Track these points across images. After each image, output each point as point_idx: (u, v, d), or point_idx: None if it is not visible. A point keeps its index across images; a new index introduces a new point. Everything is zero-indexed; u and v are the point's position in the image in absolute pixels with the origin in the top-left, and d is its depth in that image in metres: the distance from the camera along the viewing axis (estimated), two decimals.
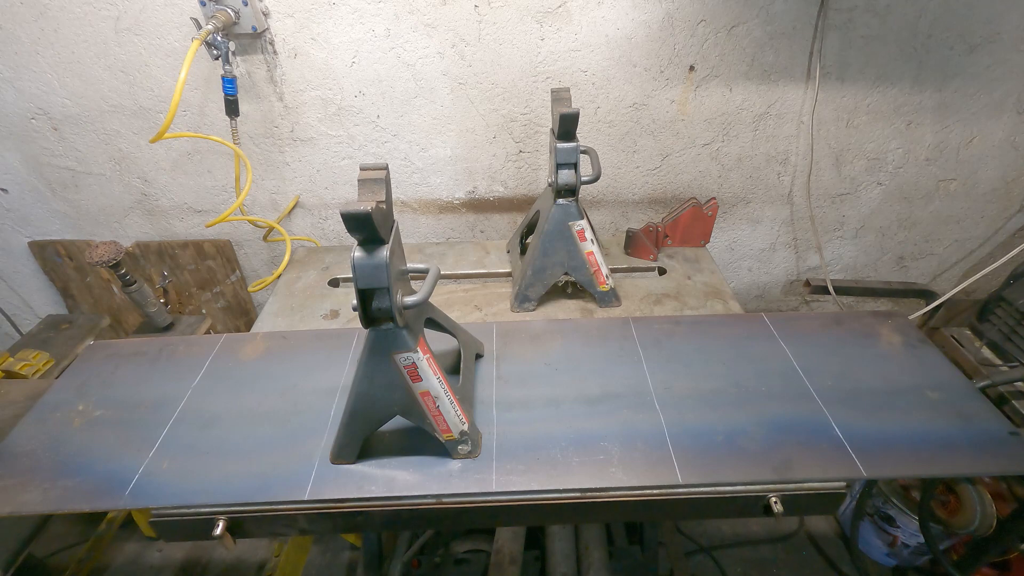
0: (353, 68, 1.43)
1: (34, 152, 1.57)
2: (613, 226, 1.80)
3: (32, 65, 1.41)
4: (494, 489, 0.85)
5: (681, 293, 1.38)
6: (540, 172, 1.65)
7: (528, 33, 1.39)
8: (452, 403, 0.85)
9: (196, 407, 1.00)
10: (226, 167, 1.61)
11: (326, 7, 1.34)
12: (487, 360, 1.09)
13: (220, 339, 1.16)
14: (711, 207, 1.50)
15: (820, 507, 0.90)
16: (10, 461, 0.91)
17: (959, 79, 1.50)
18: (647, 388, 1.02)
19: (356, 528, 1.11)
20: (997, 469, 0.90)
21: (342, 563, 1.88)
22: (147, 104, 1.48)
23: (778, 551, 1.92)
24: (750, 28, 1.40)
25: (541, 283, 1.28)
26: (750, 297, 2.04)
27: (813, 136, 1.59)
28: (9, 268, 1.85)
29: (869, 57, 1.46)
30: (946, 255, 1.93)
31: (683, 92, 1.50)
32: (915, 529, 1.61)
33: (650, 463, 0.88)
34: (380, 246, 0.72)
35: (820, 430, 0.93)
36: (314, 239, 1.74)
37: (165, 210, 1.71)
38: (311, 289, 1.42)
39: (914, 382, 1.03)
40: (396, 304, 0.75)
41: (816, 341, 1.12)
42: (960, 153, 1.66)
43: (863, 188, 1.73)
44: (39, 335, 1.33)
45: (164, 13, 1.33)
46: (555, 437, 0.92)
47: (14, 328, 1.99)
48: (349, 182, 1.66)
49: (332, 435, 0.92)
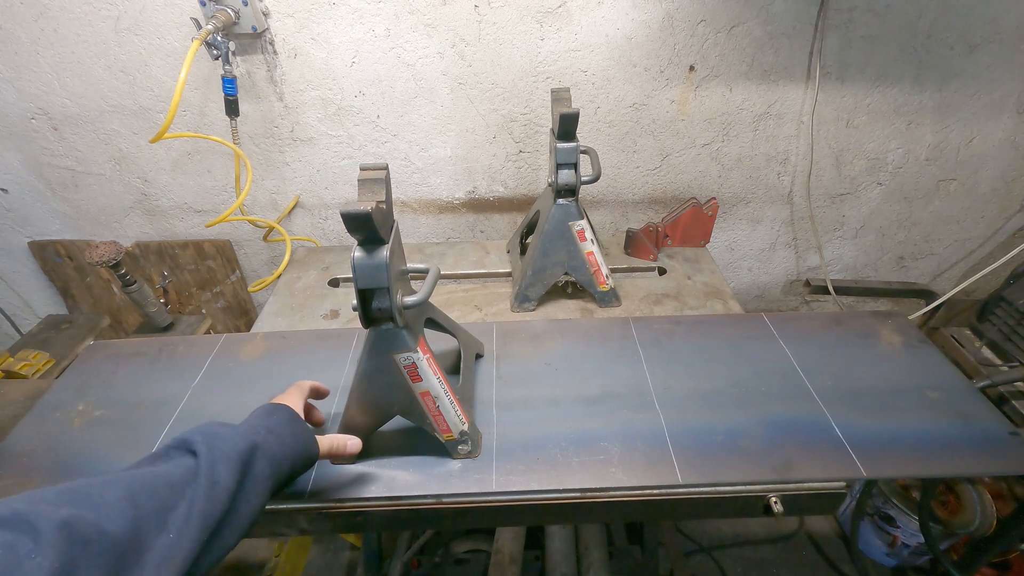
0: (353, 68, 1.43)
1: (34, 152, 1.57)
2: (613, 226, 1.80)
3: (32, 65, 1.41)
4: (494, 489, 0.85)
5: (681, 293, 1.38)
6: (540, 172, 1.65)
7: (528, 33, 1.39)
8: (452, 403, 0.85)
9: (196, 407, 1.00)
10: (226, 167, 1.61)
11: (326, 7, 1.34)
12: (487, 360, 1.09)
13: (220, 339, 1.16)
14: (711, 207, 1.50)
15: (820, 507, 0.90)
16: (10, 461, 0.91)
17: (959, 79, 1.50)
18: (647, 388, 1.02)
19: (356, 528, 1.11)
20: (997, 469, 0.89)
21: (342, 563, 1.88)
22: (147, 104, 1.48)
23: (778, 551, 1.92)
24: (750, 28, 1.40)
25: (541, 283, 1.28)
26: (750, 297, 2.04)
27: (813, 136, 1.59)
28: (9, 268, 1.85)
29: (869, 57, 1.46)
30: (946, 255, 1.93)
31: (683, 92, 1.51)
32: (915, 529, 1.61)
33: (650, 463, 0.88)
34: (380, 246, 0.72)
35: (820, 430, 0.93)
36: (314, 239, 1.74)
37: (165, 210, 1.71)
38: (311, 289, 1.42)
39: (914, 382, 1.03)
40: (396, 304, 0.75)
41: (816, 341, 1.12)
42: (960, 153, 1.66)
43: (863, 188, 1.73)
44: (39, 335, 1.33)
45: (164, 13, 1.33)
46: (555, 437, 0.92)
47: (14, 328, 1.99)
48: (349, 182, 1.66)
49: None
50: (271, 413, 0.71)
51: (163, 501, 0.50)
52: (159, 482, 0.52)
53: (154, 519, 0.49)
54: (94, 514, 0.45)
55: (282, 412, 0.72)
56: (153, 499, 0.50)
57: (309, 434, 0.72)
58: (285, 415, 0.71)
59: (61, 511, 0.43)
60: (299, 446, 0.69)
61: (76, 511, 0.44)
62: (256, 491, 0.60)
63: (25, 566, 0.39)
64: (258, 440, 0.63)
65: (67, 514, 0.43)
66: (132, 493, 0.49)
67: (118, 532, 0.45)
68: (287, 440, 0.67)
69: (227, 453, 0.58)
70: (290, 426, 0.70)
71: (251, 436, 0.62)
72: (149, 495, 0.50)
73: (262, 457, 0.62)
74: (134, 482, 0.50)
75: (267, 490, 0.62)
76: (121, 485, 0.49)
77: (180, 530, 0.50)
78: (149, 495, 0.50)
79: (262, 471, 0.61)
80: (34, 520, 0.42)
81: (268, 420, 0.69)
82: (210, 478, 0.54)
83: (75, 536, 0.42)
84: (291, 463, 0.67)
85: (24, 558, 0.39)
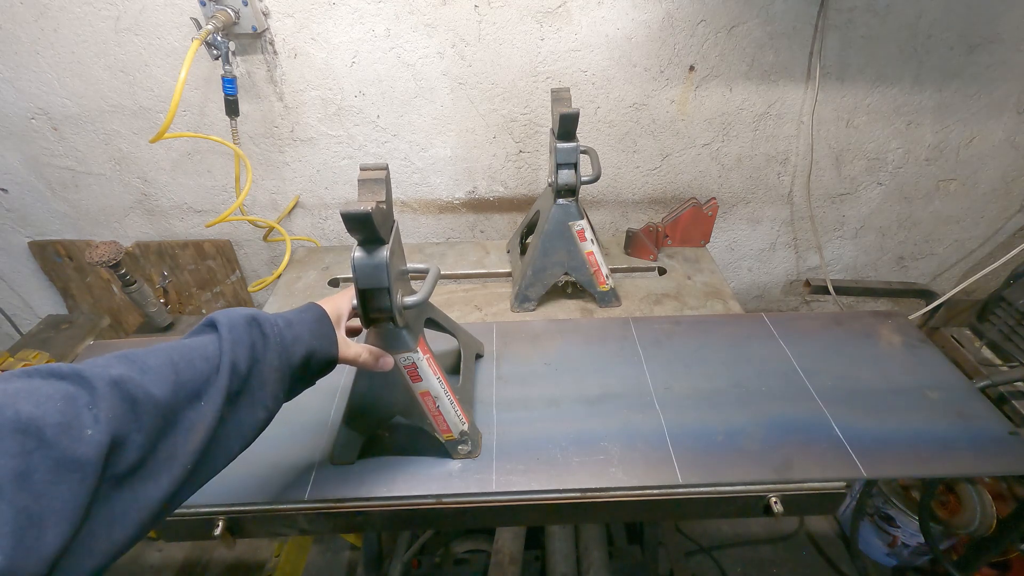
0: (353, 68, 1.43)
1: (34, 152, 1.57)
2: (613, 226, 1.80)
3: (32, 65, 1.41)
4: (494, 489, 0.85)
5: (681, 293, 1.38)
6: (540, 172, 1.65)
7: (528, 33, 1.39)
8: (452, 403, 0.85)
9: None
10: (226, 167, 1.61)
11: (326, 7, 1.34)
12: (487, 360, 1.09)
13: None
14: (711, 207, 1.50)
15: (820, 507, 0.90)
16: None
17: (959, 79, 1.50)
18: (647, 388, 1.02)
19: (356, 528, 1.11)
20: (997, 469, 0.90)
21: (342, 563, 1.88)
22: (147, 104, 1.48)
23: (778, 551, 1.92)
24: (750, 28, 1.40)
25: (541, 283, 1.28)
26: (750, 297, 2.04)
27: (813, 136, 1.59)
28: (9, 268, 1.85)
29: (869, 57, 1.46)
30: (946, 255, 1.93)
31: (683, 92, 1.51)
32: (915, 529, 1.61)
33: (650, 463, 0.88)
34: (380, 246, 0.72)
35: (820, 430, 0.93)
36: (314, 239, 1.74)
37: (165, 210, 1.71)
38: (311, 289, 1.42)
39: (914, 382, 1.03)
40: (396, 304, 0.75)
41: (816, 341, 1.12)
42: (960, 153, 1.66)
43: (863, 188, 1.73)
44: (39, 335, 1.34)
45: (164, 13, 1.33)
46: (555, 437, 0.92)
47: (14, 328, 1.99)
48: (349, 182, 1.66)
49: (332, 435, 0.92)
50: (303, 311, 0.72)
51: (198, 371, 0.54)
52: (195, 355, 0.55)
53: (190, 387, 0.52)
54: (141, 377, 0.49)
55: (312, 310, 0.72)
56: (190, 368, 0.53)
57: (331, 336, 0.71)
58: (314, 313, 0.72)
59: (112, 370, 0.47)
60: (316, 343, 0.68)
61: (126, 371, 0.48)
62: (269, 377, 0.61)
63: (83, 416, 0.43)
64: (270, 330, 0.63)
65: (117, 373, 0.47)
66: (172, 361, 0.52)
67: (161, 395, 0.49)
68: (304, 336, 0.67)
69: (242, 338, 0.60)
70: (316, 324, 0.70)
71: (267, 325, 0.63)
72: (187, 364, 0.53)
73: (273, 347, 0.63)
74: (173, 351, 0.54)
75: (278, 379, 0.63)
76: (163, 354, 0.53)
77: (210, 400, 0.53)
78: (187, 364, 0.53)
79: (271, 360, 0.62)
80: (89, 376, 0.45)
81: (296, 315, 0.70)
82: (231, 358, 0.57)
83: (125, 394, 0.46)
84: (304, 356, 0.66)
85: (83, 408, 0.43)
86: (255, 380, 0.60)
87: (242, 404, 0.58)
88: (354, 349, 0.74)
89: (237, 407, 0.57)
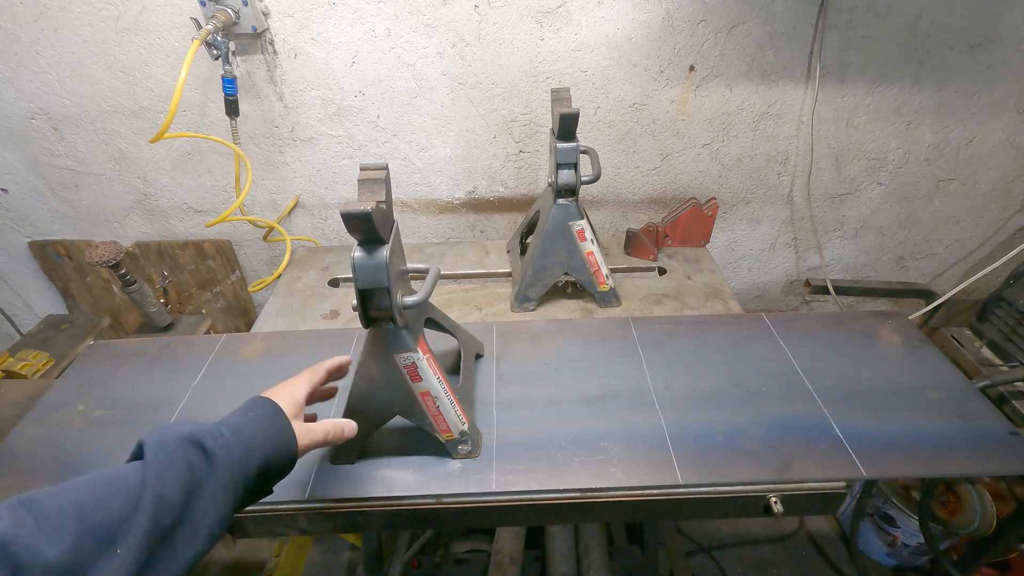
0: (353, 68, 1.43)
1: (34, 152, 1.57)
2: (613, 226, 1.80)
3: (32, 65, 1.41)
4: (494, 489, 0.85)
5: (681, 293, 1.38)
6: (540, 172, 1.65)
7: (528, 33, 1.39)
8: (452, 403, 0.85)
9: (196, 407, 1.00)
10: (226, 167, 1.61)
11: (326, 7, 1.34)
12: (487, 360, 1.09)
13: (220, 339, 1.16)
14: (711, 207, 1.50)
15: (820, 507, 0.90)
16: (10, 461, 0.91)
17: (959, 79, 1.50)
18: (647, 388, 1.02)
19: (356, 528, 1.11)
20: (997, 469, 0.90)
21: (342, 563, 1.88)
22: (147, 104, 1.48)
23: (778, 551, 1.92)
24: (750, 28, 1.40)
25: (541, 283, 1.28)
26: (750, 297, 2.04)
27: (813, 136, 1.59)
28: (9, 268, 1.85)
29: (869, 57, 1.46)
30: (946, 255, 1.93)
31: (683, 92, 1.50)
32: (915, 529, 1.61)
33: (650, 463, 0.88)
34: (380, 246, 0.72)
35: (820, 430, 0.93)
36: (314, 239, 1.74)
37: (165, 210, 1.71)
38: (311, 289, 1.42)
39: (914, 382, 1.03)
40: (396, 304, 0.75)
41: (816, 341, 1.12)
42: (960, 153, 1.66)
43: (863, 188, 1.73)
44: (39, 335, 1.33)
45: (164, 13, 1.33)
46: (555, 437, 0.92)
47: (14, 328, 1.99)
48: (349, 182, 1.66)
49: None
50: (249, 409, 0.65)
51: (111, 513, 0.47)
52: (109, 491, 0.48)
53: (102, 532, 0.46)
54: (33, 531, 0.43)
55: (262, 406, 0.65)
56: (100, 511, 0.46)
57: (287, 434, 0.64)
58: (265, 410, 0.64)
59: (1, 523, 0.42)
60: (271, 446, 0.61)
61: (13, 527, 0.42)
62: (214, 501, 0.54)
63: None
64: (214, 445, 0.56)
65: (1, 530, 0.41)
66: (79, 504, 0.46)
67: (54, 554, 0.42)
68: (259, 439, 0.60)
69: (175, 462, 0.53)
70: (270, 423, 0.63)
71: (208, 439, 0.56)
72: (96, 505, 0.47)
73: (221, 464, 0.56)
74: (84, 489, 0.48)
75: (230, 499, 0.56)
76: (70, 493, 0.47)
77: (127, 545, 0.46)
78: (96, 505, 0.47)
79: (219, 480, 0.55)
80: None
81: (243, 416, 0.63)
82: (156, 490, 0.50)
83: (6, 559, 0.40)
84: (259, 465, 0.60)
85: None
86: (196, 508, 0.52)
87: (178, 539, 0.50)
88: (316, 435, 0.68)
89: (171, 543, 0.50)
